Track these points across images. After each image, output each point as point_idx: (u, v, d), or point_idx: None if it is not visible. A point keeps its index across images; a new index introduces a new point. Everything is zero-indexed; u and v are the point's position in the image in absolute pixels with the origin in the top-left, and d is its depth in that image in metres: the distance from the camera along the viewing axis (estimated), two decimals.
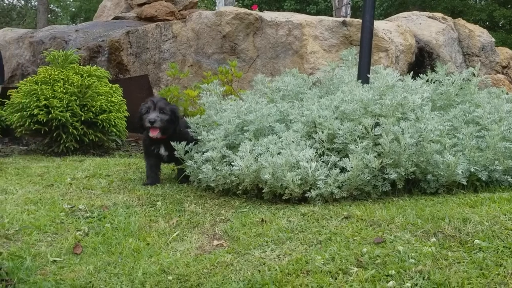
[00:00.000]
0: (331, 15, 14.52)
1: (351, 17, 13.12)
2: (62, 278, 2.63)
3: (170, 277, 2.55)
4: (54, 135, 5.60)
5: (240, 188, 3.63)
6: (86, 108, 5.67)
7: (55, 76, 5.76)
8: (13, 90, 5.92)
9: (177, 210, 3.50)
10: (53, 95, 5.58)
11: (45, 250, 2.97)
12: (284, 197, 3.46)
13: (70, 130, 5.55)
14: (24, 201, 3.77)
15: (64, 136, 5.57)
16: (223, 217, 3.33)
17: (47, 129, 5.59)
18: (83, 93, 5.71)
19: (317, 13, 22.06)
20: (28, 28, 11.10)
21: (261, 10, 8.84)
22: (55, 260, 2.85)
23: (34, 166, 4.96)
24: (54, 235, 3.17)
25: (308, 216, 3.18)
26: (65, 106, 5.55)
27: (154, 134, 3.94)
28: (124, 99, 6.11)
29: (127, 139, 6.29)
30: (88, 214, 3.44)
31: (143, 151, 4.34)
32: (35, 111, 5.50)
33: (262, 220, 3.17)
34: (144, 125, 4.01)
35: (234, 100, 4.16)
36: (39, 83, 5.72)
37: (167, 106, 4.04)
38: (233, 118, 3.86)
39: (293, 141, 3.52)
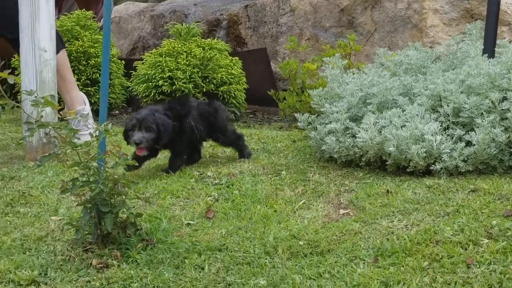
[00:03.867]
0: None
1: None
2: (197, 240, 2.78)
3: (301, 242, 2.66)
4: None
5: (363, 159, 3.67)
6: (207, 80, 5.85)
7: (179, 48, 5.96)
8: (139, 62, 6.19)
9: (301, 179, 3.59)
10: (176, 67, 5.80)
11: (179, 213, 3.14)
12: (408, 170, 3.47)
13: None
14: (155, 167, 3.98)
15: None
16: (347, 187, 3.40)
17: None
18: (205, 65, 5.89)
19: None
20: (148, 2, 11.47)
21: None
22: (189, 223, 3.02)
23: None
24: (186, 200, 3.35)
25: (434, 189, 3.19)
26: (188, 77, 5.75)
27: (140, 153, 3.68)
28: (243, 72, 6.24)
29: (245, 110, 6.43)
30: (216, 181, 3.59)
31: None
32: (160, 82, 5.74)
33: (387, 191, 3.21)
34: (129, 142, 3.73)
35: (356, 73, 4.19)
36: (163, 55, 5.95)
37: (153, 123, 3.65)
38: (356, 91, 3.90)
39: (417, 115, 3.53)
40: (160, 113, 3.73)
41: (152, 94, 5.81)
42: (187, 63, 5.83)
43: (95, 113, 4.72)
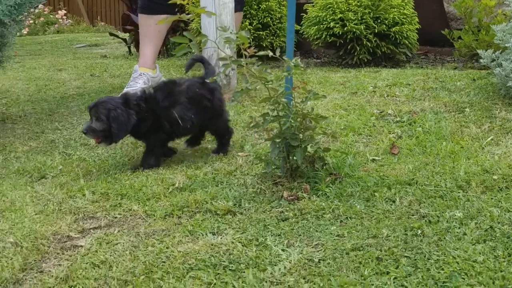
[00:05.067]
0: None
1: None
2: (384, 175, 2.78)
3: (494, 177, 2.58)
4: (348, 47, 5.78)
5: None
6: (379, 21, 5.75)
7: None
8: (309, 4, 6.19)
9: (486, 116, 3.47)
10: (347, 8, 5.74)
11: (363, 149, 3.15)
12: None
13: (364, 43, 5.68)
14: (333, 106, 4.01)
15: (358, 49, 5.73)
16: None
17: (342, 42, 5.78)
18: (376, 6, 5.78)
19: None
20: None
21: None
22: (374, 159, 3.02)
23: (333, 76, 5.20)
24: (368, 137, 3.35)
25: None
26: (359, 18, 5.68)
27: (97, 143, 3.24)
28: (415, 12, 6.07)
29: (417, 52, 6.27)
30: (397, 119, 3.56)
31: None
32: (331, 24, 5.72)
33: None
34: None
35: None
36: None
37: (103, 113, 3.08)
38: None
39: None
40: (122, 104, 3.12)
41: (323, 36, 5.81)
42: (358, 4, 5.76)
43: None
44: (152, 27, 4.74)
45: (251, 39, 5.87)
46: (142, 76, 4.78)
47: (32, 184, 3.08)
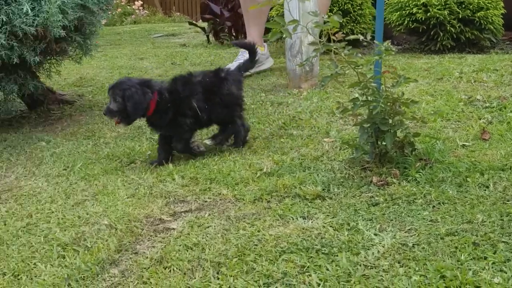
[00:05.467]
0: None
1: None
2: (476, 160, 2.73)
3: None
4: (431, 33, 5.67)
5: None
6: (463, 6, 5.61)
7: None
8: None
9: None
10: None
11: (453, 135, 3.09)
12: None
13: (447, 28, 5.56)
14: (419, 92, 3.94)
15: (441, 34, 5.61)
16: None
17: (424, 28, 5.68)
18: None
19: None
20: None
21: None
22: (464, 145, 2.96)
23: (416, 62, 5.11)
24: (457, 123, 3.28)
25: None
26: (442, 4, 5.56)
27: (116, 124, 3.18)
28: None
29: (502, 37, 6.09)
30: (486, 105, 3.48)
31: None
32: (414, 10, 5.63)
33: None
34: None
35: None
36: None
37: (118, 94, 3.06)
38: None
39: None
40: (138, 84, 3.10)
41: (406, 22, 5.72)
42: None
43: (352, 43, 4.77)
44: (253, 9, 5.01)
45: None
46: None
47: (122, 168, 3.16)
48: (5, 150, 3.65)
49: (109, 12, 4.59)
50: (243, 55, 5.12)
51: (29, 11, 3.41)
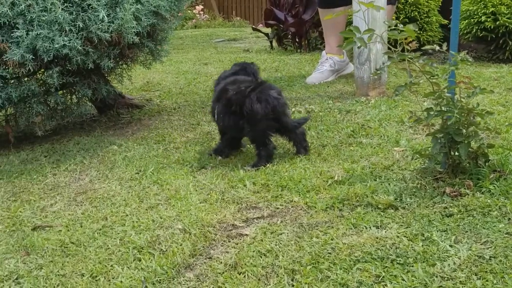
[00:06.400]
0: None
1: None
2: None
3: None
4: (500, 42, 5.59)
5: None
6: None
7: None
8: None
9: None
10: (500, 2, 5.54)
11: None
12: None
13: None
14: (489, 102, 3.90)
15: (510, 43, 5.52)
16: None
17: (493, 36, 5.59)
18: None
19: None
20: None
21: None
22: None
23: (485, 71, 5.05)
24: None
25: None
26: None
27: None
28: None
29: None
30: None
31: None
32: (482, 18, 5.55)
33: None
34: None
35: None
36: None
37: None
38: None
39: None
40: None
41: (474, 30, 5.65)
42: None
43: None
44: (330, 19, 5.12)
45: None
46: (328, 60, 5.37)
47: (194, 173, 3.21)
48: (79, 153, 3.75)
49: (181, 18, 4.65)
50: (323, 65, 5.34)
51: (105, 17, 3.50)
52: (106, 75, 4.27)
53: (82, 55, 3.59)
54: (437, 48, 2.51)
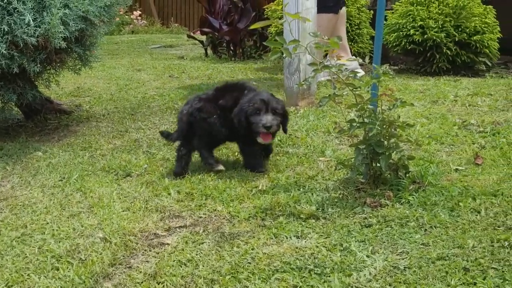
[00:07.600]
0: None
1: None
2: (469, 185, 2.76)
3: None
4: (428, 55, 5.72)
5: None
6: (460, 29, 5.66)
7: None
8: (389, 11, 6.15)
9: None
10: (428, 16, 5.68)
11: (446, 159, 3.13)
12: None
13: (444, 51, 5.61)
14: (414, 114, 3.98)
15: (437, 56, 5.66)
16: None
17: (421, 49, 5.73)
18: (458, 14, 5.70)
19: None
20: None
21: None
22: (457, 169, 3.00)
23: (412, 83, 5.16)
24: (451, 146, 3.32)
25: None
26: (439, 26, 5.62)
27: (267, 140, 3.13)
28: (497, 21, 5.95)
29: (497, 61, 6.14)
30: (480, 129, 3.52)
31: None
32: (411, 32, 5.68)
33: None
34: (253, 129, 3.09)
35: None
36: (415, 4, 5.85)
37: (278, 104, 3.14)
38: None
39: None
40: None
41: (403, 43, 5.77)
42: (439, 11, 5.69)
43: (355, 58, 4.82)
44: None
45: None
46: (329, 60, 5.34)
47: (118, 181, 3.18)
48: (1, 159, 3.66)
49: (112, 24, 4.59)
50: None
51: (31, 21, 3.44)
52: (32, 79, 4.18)
53: (6, 59, 3.52)
54: (360, 60, 2.55)
